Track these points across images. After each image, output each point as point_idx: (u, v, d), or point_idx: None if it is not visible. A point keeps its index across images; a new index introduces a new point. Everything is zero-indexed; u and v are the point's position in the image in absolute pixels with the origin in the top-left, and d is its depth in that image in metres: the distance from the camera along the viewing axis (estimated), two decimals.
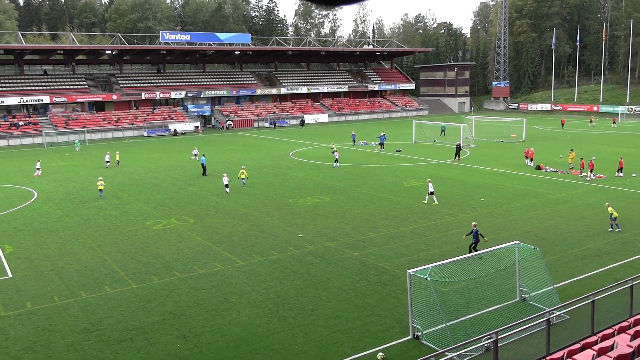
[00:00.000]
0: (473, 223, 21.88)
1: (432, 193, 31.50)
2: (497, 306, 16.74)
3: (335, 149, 52.41)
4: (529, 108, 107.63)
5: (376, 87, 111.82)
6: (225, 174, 37.86)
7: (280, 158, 52.03)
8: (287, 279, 20.00)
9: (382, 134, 58.05)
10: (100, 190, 36.62)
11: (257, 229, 26.85)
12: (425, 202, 31.38)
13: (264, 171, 44.55)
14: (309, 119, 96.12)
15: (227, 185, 36.80)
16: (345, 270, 20.66)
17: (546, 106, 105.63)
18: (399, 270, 20.41)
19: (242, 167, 39.55)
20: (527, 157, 44.37)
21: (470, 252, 21.01)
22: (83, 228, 28.17)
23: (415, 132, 63.67)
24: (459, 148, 47.84)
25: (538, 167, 42.02)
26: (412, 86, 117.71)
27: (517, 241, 18.12)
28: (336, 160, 45.44)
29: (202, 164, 43.40)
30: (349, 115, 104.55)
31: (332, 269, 20.91)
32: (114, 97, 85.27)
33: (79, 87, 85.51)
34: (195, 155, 52.67)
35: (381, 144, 56.13)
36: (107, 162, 50.80)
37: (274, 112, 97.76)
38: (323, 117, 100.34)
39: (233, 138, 74.81)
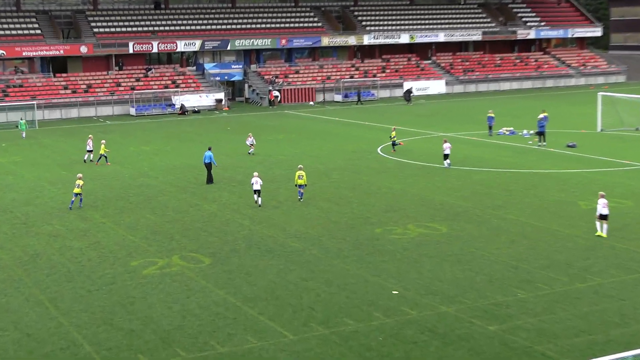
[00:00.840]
0: None
1: (603, 217, 31.32)
2: None
3: (394, 136, 52.54)
4: None
5: (531, 34, 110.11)
6: (256, 174, 38.54)
7: (361, 155, 52.07)
8: None
9: (541, 115, 57.17)
10: (76, 194, 37.86)
11: (320, 278, 26.88)
12: (601, 233, 31.08)
13: (332, 177, 44.59)
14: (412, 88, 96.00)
15: (258, 192, 37.90)
16: (474, 356, 20.43)
17: None
18: None
19: (298, 167, 39.96)
20: None
21: None
22: (27, 269, 28.50)
23: (602, 114, 62.27)
24: None
25: None
26: (597, 32, 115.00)
27: None
28: (446, 157, 46.64)
29: (206, 163, 43.62)
30: (483, 82, 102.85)
31: (450, 352, 20.68)
32: (83, 49, 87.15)
33: (25, 32, 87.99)
34: (251, 145, 53.89)
35: (540, 134, 55.23)
36: (90, 151, 51.93)
37: (351, 77, 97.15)
38: (437, 86, 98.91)
39: (281, 120, 74.72)
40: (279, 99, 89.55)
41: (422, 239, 31.43)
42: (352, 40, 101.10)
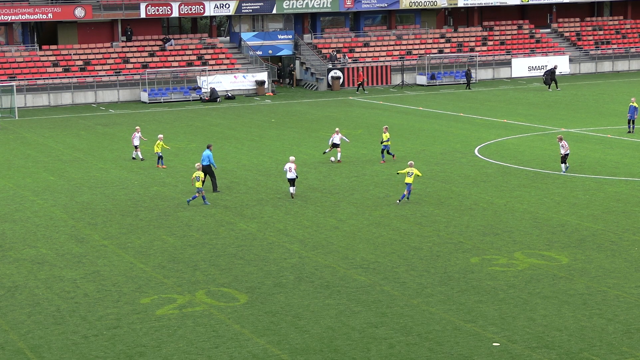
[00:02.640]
0: None
1: None
2: None
3: (386, 139, 51.55)
4: None
5: None
6: (292, 159, 39.95)
7: (452, 159, 51.88)
8: None
9: None
10: (199, 189, 40.40)
11: (394, 323, 25.19)
12: None
13: (413, 186, 43.20)
14: (523, 66, 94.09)
15: (292, 182, 39.00)
16: None
17: None
18: None
19: (409, 163, 40.35)
20: None
21: None
22: (2, 307, 27.50)
23: None
24: None
25: None
26: None
27: None
28: (564, 159, 45.46)
29: (204, 165, 43.38)
30: (623, 59, 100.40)
31: None
32: (79, 13, 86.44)
33: None
34: (335, 145, 51.65)
35: None
36: (136, 146, 53.02)
37: (440, 52, 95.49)
38: (560, 64, 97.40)
39: (343, 110, 74.35)
40: (341, 80, 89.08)
41: (534, 272, 29.53)
42: (442, 1, 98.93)
